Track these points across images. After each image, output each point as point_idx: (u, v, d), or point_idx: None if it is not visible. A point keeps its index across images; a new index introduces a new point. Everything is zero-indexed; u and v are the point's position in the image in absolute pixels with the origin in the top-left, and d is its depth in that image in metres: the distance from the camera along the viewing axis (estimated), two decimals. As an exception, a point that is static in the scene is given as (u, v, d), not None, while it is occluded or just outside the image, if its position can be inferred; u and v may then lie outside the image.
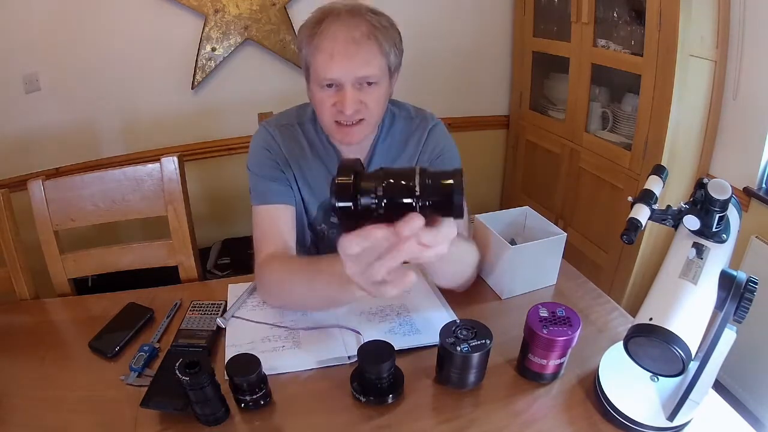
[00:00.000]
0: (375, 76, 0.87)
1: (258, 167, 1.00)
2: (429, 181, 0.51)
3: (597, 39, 1.79)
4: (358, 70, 0.85)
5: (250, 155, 1.02)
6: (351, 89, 0.86)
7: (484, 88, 2.38)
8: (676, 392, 0.68)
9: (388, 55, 0.88)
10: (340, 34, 0.83)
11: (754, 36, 1.48)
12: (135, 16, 1.80)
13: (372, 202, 0.51)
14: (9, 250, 1.04)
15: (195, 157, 2.04)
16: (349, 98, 0.86)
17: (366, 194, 0.51)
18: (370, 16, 0.86)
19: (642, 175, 1.67)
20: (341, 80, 0.85)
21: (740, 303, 0.60)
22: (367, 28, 0.84)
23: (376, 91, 0.89)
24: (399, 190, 0.51)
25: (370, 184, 0.51)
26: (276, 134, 1.01)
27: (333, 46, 0.83)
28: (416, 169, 0.51)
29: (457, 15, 2.16)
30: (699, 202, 0.62)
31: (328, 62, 0.84)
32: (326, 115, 0.91)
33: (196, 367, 0.67)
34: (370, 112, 0.90)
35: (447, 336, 0.73)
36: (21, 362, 0.85)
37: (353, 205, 0.51)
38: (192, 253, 1.15)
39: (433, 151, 1.04)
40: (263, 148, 1.00)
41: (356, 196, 0.51)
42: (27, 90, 1.76)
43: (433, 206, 0.51)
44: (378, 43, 0.85)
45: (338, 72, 0.84)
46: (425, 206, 0.50)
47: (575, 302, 0.97)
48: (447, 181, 0.51)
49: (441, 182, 0.51)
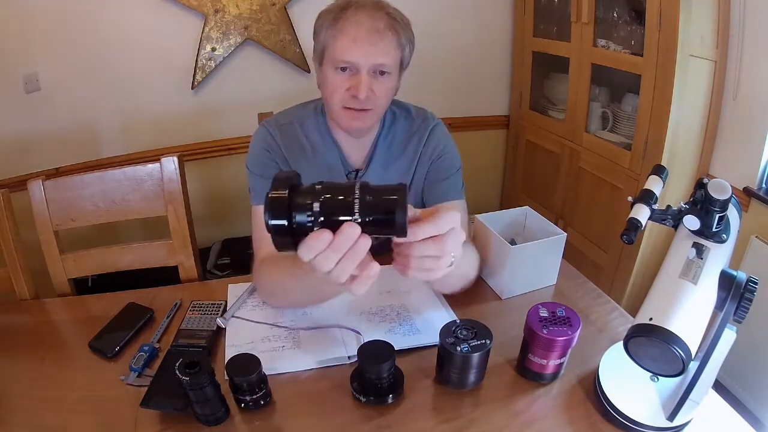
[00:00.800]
0: (389, 67, 0.91)
1: (257, 167, 1.00)
2: (369, 197, 0.48)
3: (597, 39, 1.79)
4: (376, 57, 0.88)
5: (250, 155, 1.02)
6: (366, 75, 0.89)
7: (484, 88, 2.38)
8: (676, 392, 0.68)
9: (403, 49, 0.92)
10: (364, 22, 0.87)
11: (754, 36, 1.48)
12: (135, 16, 1.80)
13: (308, 220, 0.48)
14: (9, 250, 1.04)
15: (195, 157, 2.04)
16: (363, 82, 0.89)
17: (301, 211, 0.47)
18: (391, 11, 0.91)
19: (642, 175, 1.67)
20: (359, 65, 0.89)
21: (740, 303, 0.60)
22: (389, 21, 0.89)
23: (387, 82, 0.93)
24: (337, 207, 0.48)
25: (305, 200, 0.48)
26: (276, 134, 1.01)
27: (357, 32, 0.87)
28: (356, 184, 0.48)
29: (457, 15, 2.16)
30: (699, 202, 0.62)
31: (350, 45, 0.87)
32: (336, 100, 0.93)
33: (196, 367, 0.67)
34: (378, 102, 0.93)
35: (447, 336, 0.73)
36: (21, 362, 0.85)
37: (287, 222, 0.48)
38: (192, 253, 1.15)
39: (434, 151, 1.05)
40: (263, 148, 1.01)
41: (291, 213, 0.48)
42: (27, 90, 1.76)
43: (374, 224, 0.48)
44: (397, 36, 0.90)
45: (358, 56, 0.88)
46: (365, 223, 0.48)
47: (575, 302, 0.97)
48: (389, 197, 0.47)
49: (383, 198, 0.48)
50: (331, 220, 0.48)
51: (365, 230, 0.48)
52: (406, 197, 0.48)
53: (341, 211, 0.48)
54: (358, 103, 0.91)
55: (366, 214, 0.47)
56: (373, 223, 0.48)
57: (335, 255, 0.50)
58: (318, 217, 0.48)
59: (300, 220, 0.48)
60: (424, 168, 1.05)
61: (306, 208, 0.47)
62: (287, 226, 0.48)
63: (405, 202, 0.48)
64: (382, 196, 0.48)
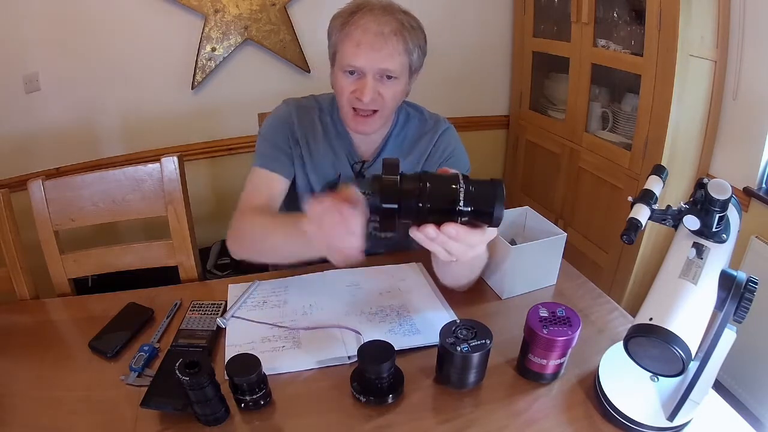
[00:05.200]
0: (395, 71, 0.92)
1: (270, 134, 1.04)
2: (472, 188, 0.51)
3: (597, 39, 1.79)
4: (381, 62, 0.90)
5: (266, 123, 1.07)
6: (371, 79, 0.91)
7: (484, 88, 2.38)
8: (676, 392, 0.68)
9: (411, 54, 0.93)
10: (371, 26, 0.88)
11: (754, 36, 1.48)
12: (135, 16, 1.80)
13: (415, 205, 0.50)
14: (9, 250, 1.04)
15: (195, 157, 2.04)
16: (368, 87, 0.91)
17: (408, 197, 0.50)
18: (400, 15, 0.91)
19: (642, 175, 1.67)
20: (364, 69, 0.90)
21: (740, 303, 0.60)
22: (396, 26, 0.90)
23: (394, 86, 0.94)
24: (443, 195, 0.50)
25: (414, 186, 0.50)
26: (294, 112, 1.06)
27: (362, 37, 0.88)
28: (459, 175, 0.51)
29: (457, 15, 2.16)
30: (699, 202, 0.62)
31: (355, 50, 0.89)
32: (344, 101, 0.96)
33: (196, 367, 0.67)
34: (384, 104, 0.95)
35: (447, 336, 0.73)
36: (21, 362, 0.85)
37: (399, 205, 0.50)
38: (192, 253, 1.15)
39: (443, 152, 1.08)
40: (281, 121, 1.05)
41: (400, 198, 0.50)
42: (27, 90, 1.76)
43: (473, 213, 0.51)
44: (404, 41, 0.90)
45: (363, 61, 0.90)
46: (465, 213, 0.50)
47: (575, 302, 0.97)
48: (490, 191, 0.51)
49: (484, 191, 0.51)
50: (437, 208, 0.51)
51: (463, 218, 0.51)
52: (504, 192, 0.51)
53: (447, 199, 0.50)
54: (363, 105, 0.93)
55: (469, 203, 0.50)
56: (473, 213, 0.51)
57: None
58: (426, 203, 0.50)
59: (408, 205, 0.50)
60: (432, 168, 1.06)
61: (414, 194, 0.50)
62: (396, 210, 0.51)
63: (503, 197, 0.51)
64: (483, 189, 0.51)
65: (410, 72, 0.97)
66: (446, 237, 0.53)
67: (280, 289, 1.00)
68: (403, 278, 1.02)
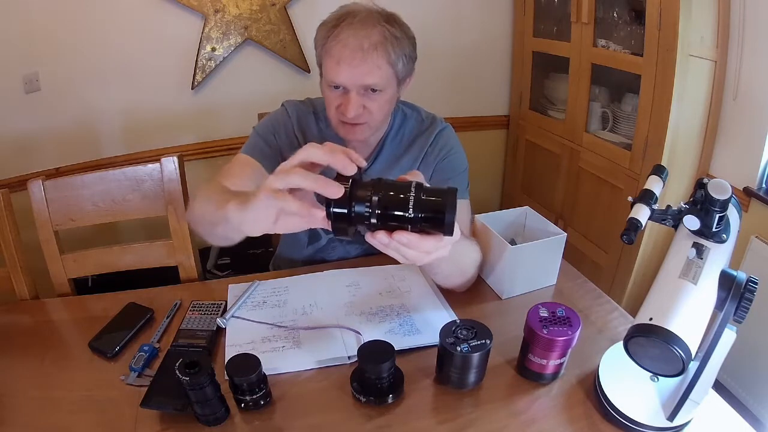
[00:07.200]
0: (379, 85, 0.90)
1: (264, 131, 1.04)
2: (424, 196, 0.52)
3: (597, 39, 1.79)
4: (362, 78, 0.88)
5: (263, 122, 1.07)
6: (355, 95, 0.90)
7: (484, 88, 2.38)
8: (676, 392, 0.68)
9: (395, 66, 0.91)
10: (350, 41, 0.86)
11: (754, 36, 1.48)
12: (135, 16, 1.80)
13: (365, 211, 0.52)
14: (9, 250, 1.04)
15: (195, 157, 2.04)
16: (352, 103, 0.90)
17: (360, 202, 0.52)
18: (383, 26, 0.88)
19: (642, 175, 1.67)
20: (347, 85, 0.89)
21: (740, 303, 0.60)
22: (378, 38, 0.87)
23: (380, 98, 0.92)
24: (393, 202, 0.52)
25: (365, 193, 0.52)
26: (293, 112, 1.06)
27: (341, 53, 0.86)
28: (412, 183, 0.52)
29: (457, 15, 2.16)
30: (699, 202, 0.62)
31: (335, 67, 0.88)
32: (332, 114, 0.96)
33: (196, 367, 0.67)
34: (372, 116, 0.94)
35: (447, 336, 0.73)
36: (21, 362, 0.85)
37: (348, 211, 0.52)
38: (192, 253, 1.15)
39: (440, 152, 1.06)
40: (277, 121, 1.05)
41: (351, 203, 0.52)
42: (27, 90, 1.76)
43: (424, 220, 0.52)
44: (386, 53, 0.88)
45: (344, 78, 0.88)
46: (417, 219, 0.52)
47: (575, 302, 0.97)
48: (441, 199, 0.52)
49: (435, 199, 0.52)
50: (387, 214, 0.52)
51: (415, 225, 0.52)
52: (456, 201, 0.52)
53: (397, 206, 0.52)
54: (348, 120, 0.92)
55: (419, 210, 0.51)
56: (424, 220, 0.52)
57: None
58: (375, 209, 0.52)
59: (359, 211, 0.52)
60: (429, 168, 1.06)
61: (365, 199, 0.52)
62: (347, 215, 0.53)
63: (455, 204, 0.52)
64: (435, 197, 0.52)
65: (398, 81, 0.94)
66: (398, 243, 0.53)
67: (280, 289, 1.00)
68: (403, 278, 1.02)
